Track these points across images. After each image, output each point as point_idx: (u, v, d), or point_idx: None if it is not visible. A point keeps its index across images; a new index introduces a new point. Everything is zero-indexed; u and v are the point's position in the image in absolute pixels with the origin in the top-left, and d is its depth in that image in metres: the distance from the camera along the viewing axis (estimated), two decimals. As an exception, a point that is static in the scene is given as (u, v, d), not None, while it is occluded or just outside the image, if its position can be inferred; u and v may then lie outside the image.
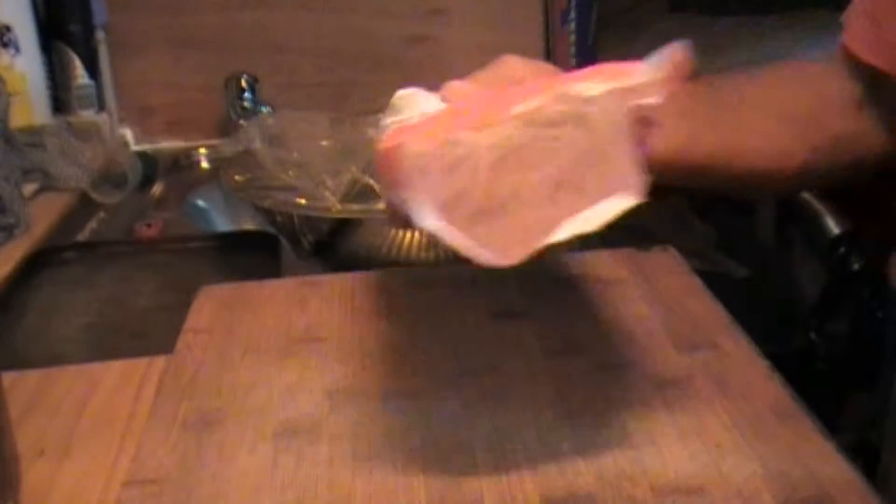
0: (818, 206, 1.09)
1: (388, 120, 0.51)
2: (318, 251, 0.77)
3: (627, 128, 0.43)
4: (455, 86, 0.51)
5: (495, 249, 0.42)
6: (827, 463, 0.47)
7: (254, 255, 0.85)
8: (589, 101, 0.42)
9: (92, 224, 1.03)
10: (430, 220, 0.41)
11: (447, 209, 0.41)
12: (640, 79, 0.43)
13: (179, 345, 0.62)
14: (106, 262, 0.86)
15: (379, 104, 0.59)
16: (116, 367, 0.62)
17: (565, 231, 0.43)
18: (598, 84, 0.42)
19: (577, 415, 0.52)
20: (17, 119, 0.99)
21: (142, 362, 0.61)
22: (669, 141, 0.59)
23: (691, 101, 0.62)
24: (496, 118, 0.42)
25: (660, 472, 0.46)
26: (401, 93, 0.56)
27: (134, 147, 1.25)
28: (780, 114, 0.64)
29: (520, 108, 0.41)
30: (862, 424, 0.99)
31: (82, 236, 1.00)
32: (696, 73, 0.63)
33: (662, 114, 0.59)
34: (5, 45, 1.08)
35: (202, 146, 1.25)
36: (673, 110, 0.60)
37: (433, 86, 0.56)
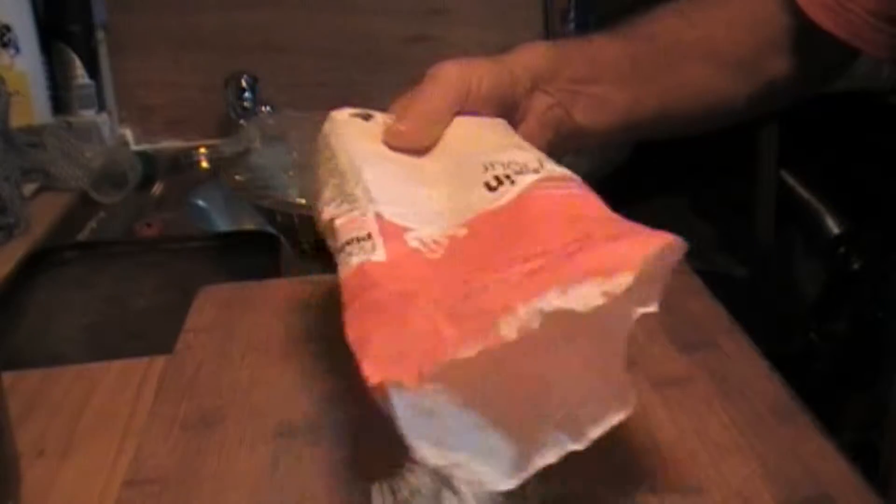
0: (818, 206, 1.09)
1: (331, 206, 0.47)
2: (318, 251, 0.77)
3: (622, 342, 0.40)
4: (399, 131, 0.51)
5: (491, 476, 0.39)
6: (827, 463, 0.47)
7: (254, 255, 0.85)
8: (582, 316, 0.36)
9: (92, 224, 1.03)
10: (423, 455, 0.38)
11: (439, 442, 0.38)
12: (631, 278, 0.36)
13: (179, 345, 0.62)
14: (106, 262, 0.86)
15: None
16: (116, 367, 0.61)
17: (555, 452, 0.40)
18: (590, 289, 0.36)
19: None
20: (17, 119, 0.99)
21: (142, 362, 0.61)
22: (613, 110, 0.61)
23: (631, 64, 0.63)
24: (484, 334, 0.36)
25: (660, 472, 0.46)
26: (336, 117, 0.53)
27: (134, 147, 1.25)
28: (720, 60, 0.65)
29: (507, 329, 0.36)
30: (862, 424, 0.99)
31: (82, 236, 1.00)
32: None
33: (603, 84, 0.61)
34: (5, 45, 1.08)
35: (202, 146, 1.25)
36: (613, 77, 0.61)
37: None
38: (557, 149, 0.59)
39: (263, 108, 1.20)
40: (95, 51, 1.19)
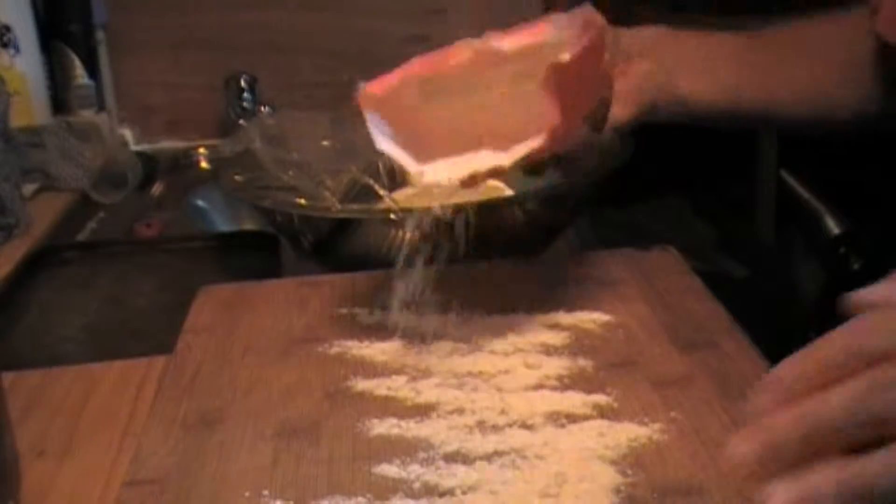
0: (818, 206, 1.09)
1: None
2: (318, 251, 0.77)
3: (543, 80, 0.53)
4: None
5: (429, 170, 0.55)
6: (827, 463, 0.47)
7: (254, 255, 0.85)
8: (508, 58, 0.54)
9: (92, 224, 1.03)
10: (379, 143, 0.55)
11: (395, 135, 0.55)
12: (554, 36, 0.54)
13: (179, 345, 0.62)
14: (106, 262, 0.86)
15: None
16: (116, 367, 0.62)
17: (486, 162, 0.54)
18: (515, 39, 0.55)
19: (576, 415, 0.52)
20: (17, 119, 0.99)
21: (142, 362, 0.62)
22: (718, 85, 0.64)
23: (744, 49, 0.65)
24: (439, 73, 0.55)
25: (660, 472, 0.46)
26: None
27: (134, 147, 1.25)
28: (838, 60, 0.66)
29: (455, 58, 0.55)
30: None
31: (82, 236, 1.00)
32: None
33: (711, 60, 0.64)
34: (5, 45, 1.08)
35: (202, 146, 1.25)
36: (723, 54, 0.64)
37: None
38: (662, 116, 0.64)
39: (263, 108, 1.20)
40: (95, 51, 1.19)
